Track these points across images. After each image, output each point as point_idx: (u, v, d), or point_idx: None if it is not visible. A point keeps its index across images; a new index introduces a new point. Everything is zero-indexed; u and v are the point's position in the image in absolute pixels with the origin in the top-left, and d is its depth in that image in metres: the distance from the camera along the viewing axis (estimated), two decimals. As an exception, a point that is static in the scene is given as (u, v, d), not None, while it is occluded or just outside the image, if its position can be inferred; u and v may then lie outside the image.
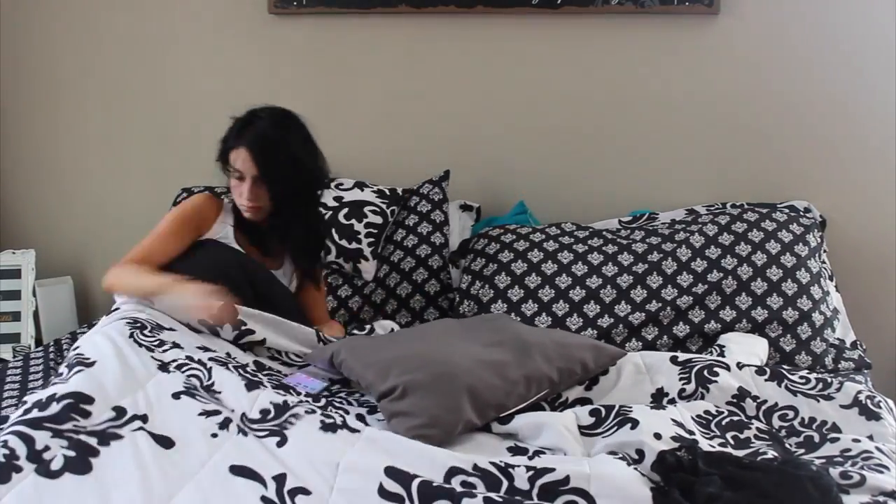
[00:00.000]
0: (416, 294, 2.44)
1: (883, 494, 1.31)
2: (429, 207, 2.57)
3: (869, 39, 2.53)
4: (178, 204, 2.30)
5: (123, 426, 1.38)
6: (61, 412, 1.37)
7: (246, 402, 1.50)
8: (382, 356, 1.72)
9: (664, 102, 2.65)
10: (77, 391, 1.43)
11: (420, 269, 2.47)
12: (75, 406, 1.39)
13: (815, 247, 2.30)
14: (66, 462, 1.27)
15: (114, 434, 1.36)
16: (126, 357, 1.60)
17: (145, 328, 1.73)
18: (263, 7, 2.80)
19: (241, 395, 1.52)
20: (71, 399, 1.40)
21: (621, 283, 2.26)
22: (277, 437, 1.39)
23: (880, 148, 2.56)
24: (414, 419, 1.52)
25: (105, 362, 1.56)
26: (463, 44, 2.73)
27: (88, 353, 1.61)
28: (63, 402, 1.39)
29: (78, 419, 1.37)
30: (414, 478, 1.26)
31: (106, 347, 1.62)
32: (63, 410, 1.37)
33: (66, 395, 1.41)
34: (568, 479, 1.29)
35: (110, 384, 1.49)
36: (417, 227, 2.54)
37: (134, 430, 1.37)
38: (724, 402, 1.67)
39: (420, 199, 2.60)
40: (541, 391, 1.68)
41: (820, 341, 2.14)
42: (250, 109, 2.06)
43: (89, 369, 1.53)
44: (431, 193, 2.60)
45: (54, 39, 2.97)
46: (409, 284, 2.45)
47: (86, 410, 1.39)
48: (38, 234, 3.04)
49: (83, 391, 1.43)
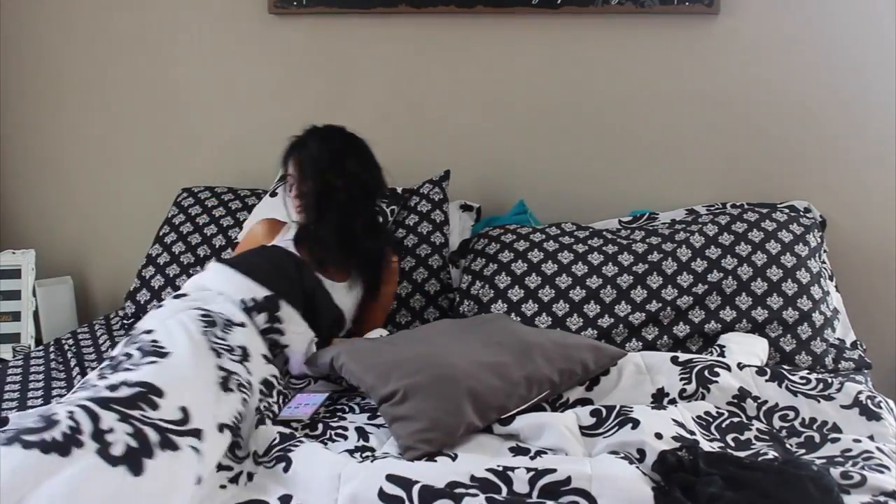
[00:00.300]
0: (415, 293, 2.44)
1: (884, 494, 1.31)
2: (429, 207, 2.57)
3: (869, 39, 2.53)
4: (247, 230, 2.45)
5: (182, 436, 1.37)
6: (131, 398, 1.39)
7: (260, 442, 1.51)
8: (382, 359, 1.72)
9: (664, 102, 2.65)
10: (149, 382, 1.44)
11: (420, 269, 2.47)
12: (145, 396, 1.41)
13: (815, 247, 2.30)
14: (127, 451, 1.28)
15: (173, 443, 1.34)
16: (197, 359, 1.59)
17: (216, 325, 1.73)
18: (263, 7, 2.80)
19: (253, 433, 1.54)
20: (142, 388, 1.42)
21: (621, 283, 2.26)
22: (283, 463, 1.41)
23: (880, 148, 2.56)
24: (415, 423, 1.52)
25: (179, 358, 1.57)
26: (463, 44, 2.73)
27: (164, 341, 1.61)
28: (134, 389, 1.41)
29: (145, 409, 1.38)
30: (415, 483, 1.27)
31: (181, 340, 1.62)
32: (133, 397, 1.39)
33: (139, 384, 1.43)
34: (569, 479, 1.29)
35: (181, 384, 1.49)
36: (417, 227, 2.54)
37: (189, 446, 1.36)
38: (725, 402, 1.68)
39: (420, 198, 2.60)
40: (542, 392, 1.68)
41: (820, 341, 2.14)
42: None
43: (164, 360, 1.54)
44: (431, 193, 2.60)
45: (55, 39, 2.97)
46: (408, 283, 2.45)
47: (155, 402, 1.40)
48: (38, 234, 3.04)
49: (155, 383, 1.44)
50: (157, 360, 1.53)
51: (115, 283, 2.94)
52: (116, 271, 2.96)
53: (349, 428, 1.64)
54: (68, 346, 2.33)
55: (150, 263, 2.63)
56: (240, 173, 2.88)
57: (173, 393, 1.44)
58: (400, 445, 1.53)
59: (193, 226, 2.67)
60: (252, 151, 2.89)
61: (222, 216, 2.69)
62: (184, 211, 2.72)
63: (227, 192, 2.77)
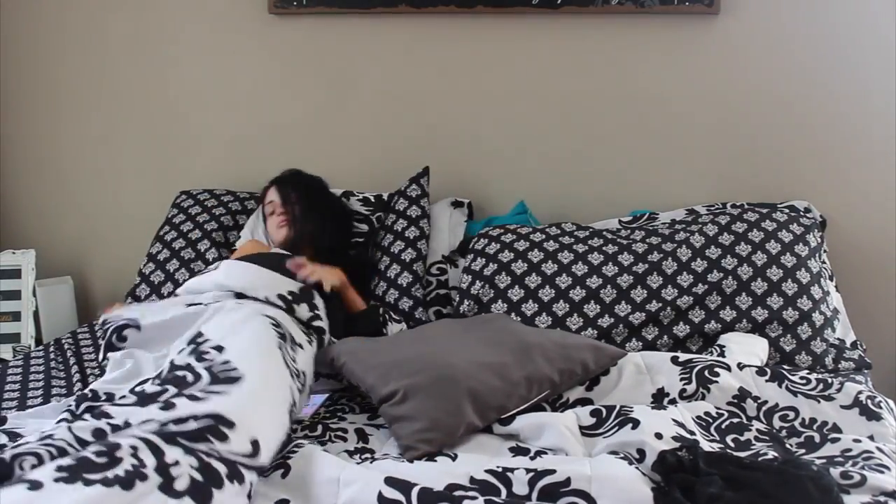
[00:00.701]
0: (389, 289, 2.45)
1: (884, 494, 1.31)
2: (406, 204, 2.58)
3: (869, 39, 2.53)
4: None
5: (250, 470, 1.31)
6: (198, 431, 1.30)
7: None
8: (382, 359, 1.72)
9: (664, 102, 2.65)
10: (219, 414, 1.34)
11: (393, 265, 2.47)
12: (214, 428, 1.31)
13: (815, 247, 2.30)
14: (192, 484, 1.21)
15: (241, 475, 1.28)
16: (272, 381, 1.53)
17: (285, 339, 1.69)
18: (263, 7, 2.80)
19: None
20: (211, 420, 1.32)
21: (621, 283, 2.26)
22: (282, 469, 1.38)
23: (880, 148, 2.56)
24: (415, 423, 1.52)
25: (252, 382, 1.47)
26: (463, 44, 2.73)
27: (236, 361, 1.52)
28: (202, 423, 1.32)
29: (213, 442, 1.29)
30: (413, 485, 1.27)
31: (254, 358, 1.55)
32: (200, 430, 1.30)
33: (208, 416, 1.33)
34: (569, 480, 1.29)
35: (253, 414, 1.40)
36: (394, 225, 2.55)
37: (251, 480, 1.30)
38: (725, 402, 1.68)
39: (399, 197, 2.61)
40: (542, 392, 1.68)
41: (820, 341, 2.14)
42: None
43: (235, 388, 1.44)
44: (409, 190, 2.60)
45: (54, 40, 2.96)
46: (384, 282, 2.46)
47: (224, 434, 1.32)
48: (38, 234, 3.04)
49: (225, 415, 1.34)
50: (228, 390, 1.43)
51: (115, 283, 2.94)
52: (116, 271, 2.96)
53: (349, 430, 1.64)
54: (68, 346, 2.34)
55: (151, 261, 2.63)
56: (239, 173, 2.88)
57: (244, 424, 1.35)
58: (400, 445, 1.53)
59: (194, 224, 2.68)
60: (252, 151, 2.89)
61: (222, 214, 2.71)
62: (183, 212, 2.72)
63: (226, 195, 2.78)
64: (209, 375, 1.47)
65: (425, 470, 1.37)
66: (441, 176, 2.69)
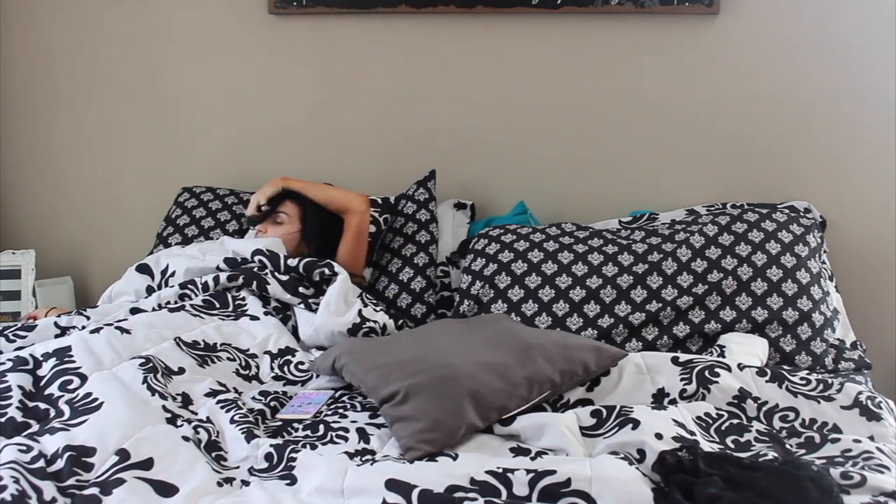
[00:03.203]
0: (402, 293, 2.46)
1: (884, 495, 1.31)
2: (414, 208, 2.58)
3: (869, 40, 2.53)
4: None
5: (126, 470, 1.37)
6: (64, 469, 1.36)
7: (251, 453, 1.51)
8: (383, 360, 1.72)
9: (664, 102, 2.65)
10: (80, 444, 1.42)
11: (406, 269, 2.49)
12: (77, 460, 1.39)
13: (815, 247, 2.31)
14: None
15: (117, 480, 1.35)
16: (135, 403, 1.58)
17: (157, 372, 1.71)
18: (263, 7, 2.80)
19: (242, 447, 1.53)
20: (73, 452, 1.40)
21: (621, 284, 2.26)
22: (287, 480, 1.40)
23: (880, 148, 2.56)
24: (416, 424, 1.53)
25: (112, 406, 1.55)
26: (463, 44, 2.73)
27: (97, 392, 1.59)
28: (66, 456, 1.38)
29: (80, 473, 1.36)
30: (414, 487, 1.27)
31: (114, 391, 1.60)
32: (66, 466, 1.37)
33: (69, 448, 1.40)
34: (569, 481, 1.29)
35: (115, 429, 1.47)
36: (403, 228, 2.56)
37: (136, 478, 1.36)
38: (725, 402, 1.68)
39: (406, 200, 2.61)
40: (542, 393, 1.68)
41: (820, 342, 2.14)
42: None
43: (94, 416, 1.52)
44: (416, 194, 2.61)
45: (54, 39, 2.97)
46: (395, 285, 2.47)
47: (88, 464, 1.39)
48: (38, 234, 3.05)
49: (86, 444, 1.42)
50: (86, 419, 1.52)
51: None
52: (116, 271, 2.92)
53: (350, 429, 1.64)
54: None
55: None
56: (239, 173, 2.89)
57: (105, 444, 1.45)
58: (401, 446, 1.53)
59: (194, 223, 2.68)
60: (252, 151, 2.89)
61: (220, 210, 2.71)
62: (185, 210, 2.72)
63: (229, 195, 2.78)
64: (69, 407, 1.58)
65: (426, 470, 1.38)
66: (441, 176, 2.69)
